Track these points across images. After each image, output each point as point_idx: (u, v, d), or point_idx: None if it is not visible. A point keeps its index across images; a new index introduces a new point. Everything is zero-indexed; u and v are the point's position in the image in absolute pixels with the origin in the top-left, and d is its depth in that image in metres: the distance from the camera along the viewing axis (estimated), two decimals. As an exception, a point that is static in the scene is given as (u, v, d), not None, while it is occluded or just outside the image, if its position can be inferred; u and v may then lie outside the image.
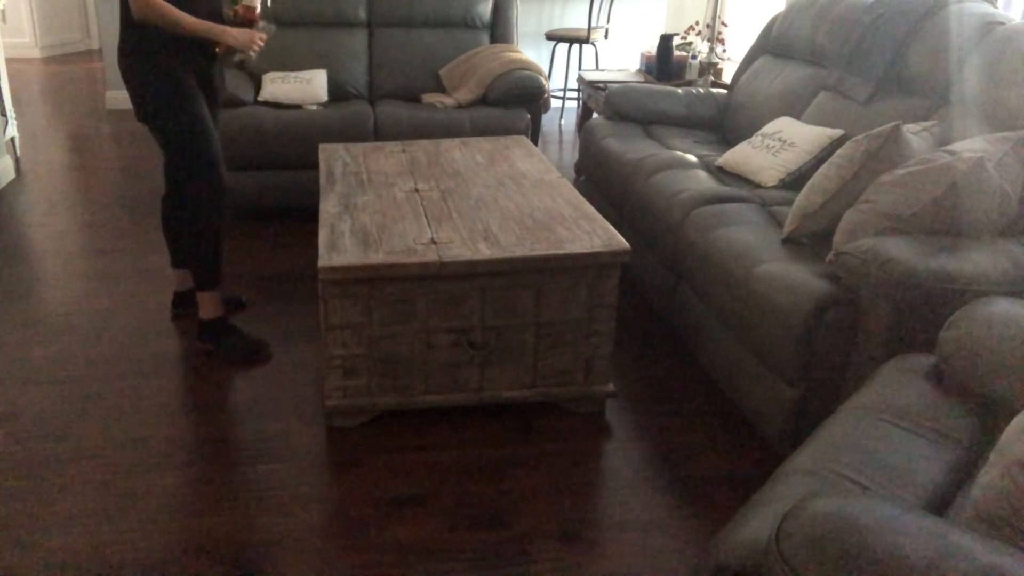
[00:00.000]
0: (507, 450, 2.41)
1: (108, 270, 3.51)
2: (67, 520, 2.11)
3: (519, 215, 2.61)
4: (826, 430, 1.67)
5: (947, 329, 1.80)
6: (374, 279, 2.31)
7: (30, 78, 7.07)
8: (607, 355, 2.52)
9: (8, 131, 4.63)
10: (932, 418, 1.67)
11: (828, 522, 1.10)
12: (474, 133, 4.08)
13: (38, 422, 2.49)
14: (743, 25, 5.41)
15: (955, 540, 1.05)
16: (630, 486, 2.28)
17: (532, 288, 2.40)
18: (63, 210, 4.20)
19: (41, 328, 3.04)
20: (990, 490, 1.31)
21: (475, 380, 2.48)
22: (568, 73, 5.91)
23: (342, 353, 2.39)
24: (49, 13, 7.79)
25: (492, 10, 4.64)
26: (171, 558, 1.99)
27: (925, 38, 2.88)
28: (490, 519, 2.13)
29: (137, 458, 2.35)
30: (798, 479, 1.50)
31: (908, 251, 2.04)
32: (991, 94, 2.54)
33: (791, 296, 2.18)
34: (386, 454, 2.38)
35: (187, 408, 2.59)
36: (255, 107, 4.01)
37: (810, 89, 3.38)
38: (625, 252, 2.40)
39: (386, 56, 4.46)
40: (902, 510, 1.12)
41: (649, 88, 3.99)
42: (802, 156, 3.00)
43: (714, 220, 2.70)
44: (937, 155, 2.22)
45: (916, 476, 1.50)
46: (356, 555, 2.01)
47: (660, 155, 3.33)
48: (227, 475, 2.28)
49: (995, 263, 2.04)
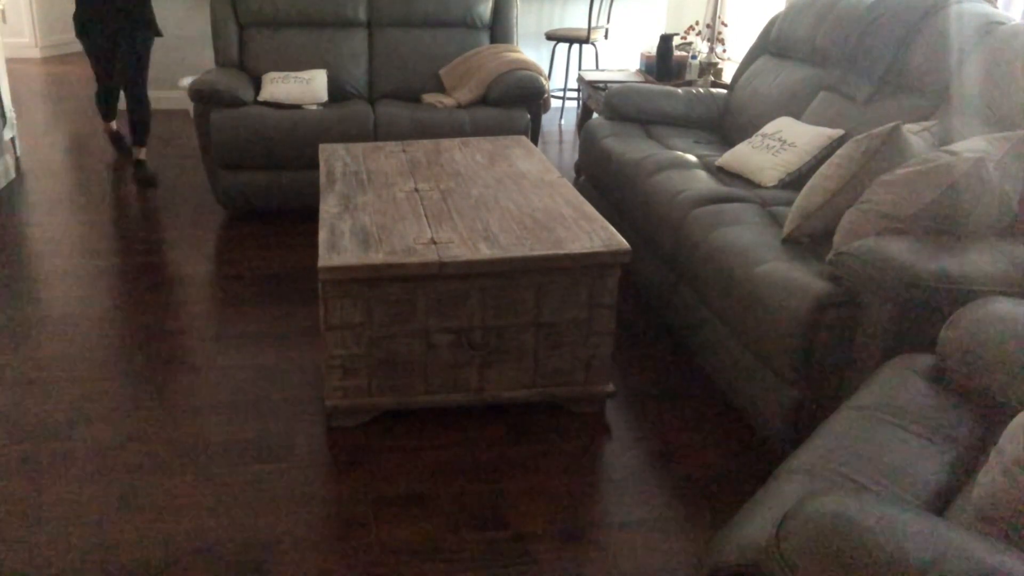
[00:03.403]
0: (508, 450, 2.41)
1: (108, 270, 3.51)
2: (67, 520, 2.11)
3: (519, 215, 2.61)
4: (826, 430, 1.67)
5: (947, 329, 1.80)
6: (374, 279, 2.31)
7: (30, 78, 7.07)
8: (607, 355, 2.52)
9: (8, 131, 4.63)
10: (932, 418, 1.67)
11: (828, 522, 1.10)
12: (474, 133, 4.08)
13: (38, 422, 2.49)
14: (743, 25, 5.41)
15: (955, 540, 1.05)
16: (630, 486, 2.28)
17: (532, 288, 2.40)
18: (63, 210, 4.20)
19: (41, 328, 3.04)
20: (990, 490, 1.31)
21: (475, 380, 2.48)
22: (568, 73, 5.91)
23: (342, 353, 2.39)
24: (49, 13, 7.78)
25: (492, 10, 4.64)
26: (171, 558, 1.99)
27: (925, 38, 2.88)
28: (490, 519, 2.14)
29: (137, 458, 2.35)
30: (798, 479, 1.50)
31: (908, 251, 2.04)
32: (991, 94, 2.54)
33: (791, 296, 2.18)
34: (386, 454, 2.38)
35: (187, 408, 2.59)
36: (255, 107, 4.01)
37: (810, 89, 3.38)
38: (625, 252, 2.40)
39: (386, 56, 4.46)
40: (902, 510, 1.12)
41: (649, 88, 3.99)
42: (802, 156, 3.00)
43: (714, 220, 2.70)
44: (937, 155, 2.22)
45: (916, 476, 1.50)
46: (356, 555, 2.01)
47: (660, 155, 3.33)
48: (227, 475, 2.28)
49: (995, 263, 2.04)
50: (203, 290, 3.36)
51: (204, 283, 3.43)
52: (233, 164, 3.92)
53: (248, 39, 4.38)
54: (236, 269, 3.53)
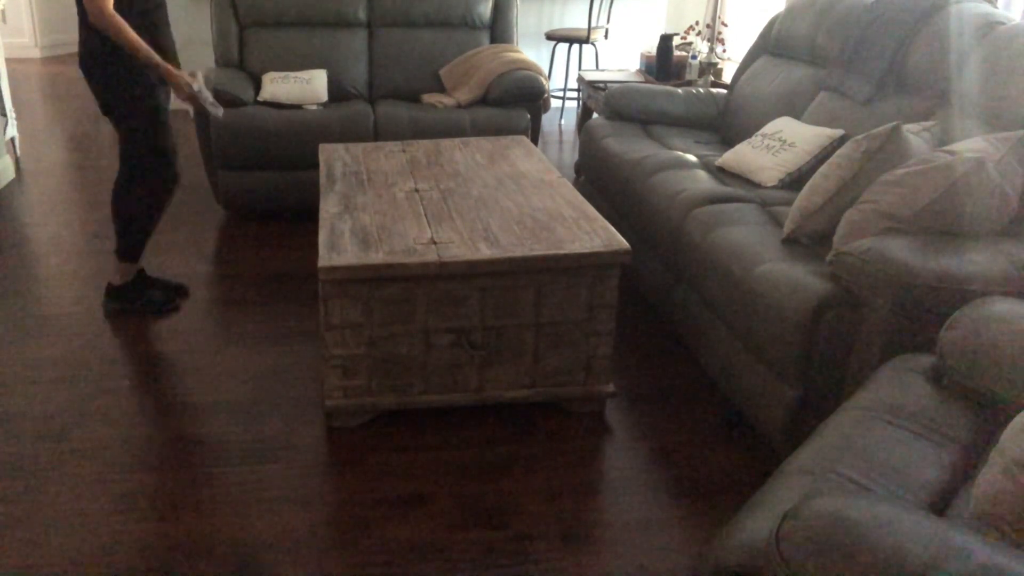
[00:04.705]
0: (507, 450, 2.41)
1: (108, 270, 3.51)
2: (67, 520, 2.10)
3: (519, 215, 2.61)
4: (826, 430, 1.67)
5: (947, 329, 1.80)
6: (374, 279, 2.31)
7: (30, 78, 7.07)
8: (607, 355, 2.52)
9: (8, 131, 4.63)
10: (932, 418, 1.67)
11: (828, 522, 1.10)
12: (474, 133, 4.08)
13: (38, 422, 2.49)
14: (743, 25, 5.41)
15: (955, 540, 1.05)
16: (630, 486, 2.28)
17: (532, 288, 2.40)
18: (63, 210, 4.20)
19: (41, 328, 3.04)
20: (990, 490, 1.31)
21: (475, 380, 2.48)
22: (568, 73, 5.91)
23: (342, 353, 2.39)
24: (49, 13, 7.78)
25: (492, 10, 4.64)
26: (171, 558, 1.99)
27: (925, 38, 2.88)
28: (490, 519, 2.13)
29: (137, 458, 2.35)
30: (798, 479, 1.50)
31: (908, 251, 2.04)
32: (991, 94, 2.54)
33: (791, 296, 2.18)
34: (386, 454, 2.38)
35: (187, 408, 2.59)
36: (255, 107, 4.01)
37: (810, 89, 3.38)
38: (625, 252, 2.40)
39: (386, 56, 4.46)
40: (902, 510, 1.12)
41: (649, 88, 3.99)
42: (802, 156, 3.00)
43: (714, 220, 2.70)
44: (937, 155, 2.22)
45: (916, 476, 1.50)
46: (356, 555, 2.01)
47: (660, 155, 3.33)
48: (227, 475, 2.28)
49: (995, 263, 2.04)
50: (203, 290, 3.36)
51: (204, 283, 3.43)
52: (233, 164, 3.92)
53: (248, 39, 4.38)
54: (236, 269, 3.53)
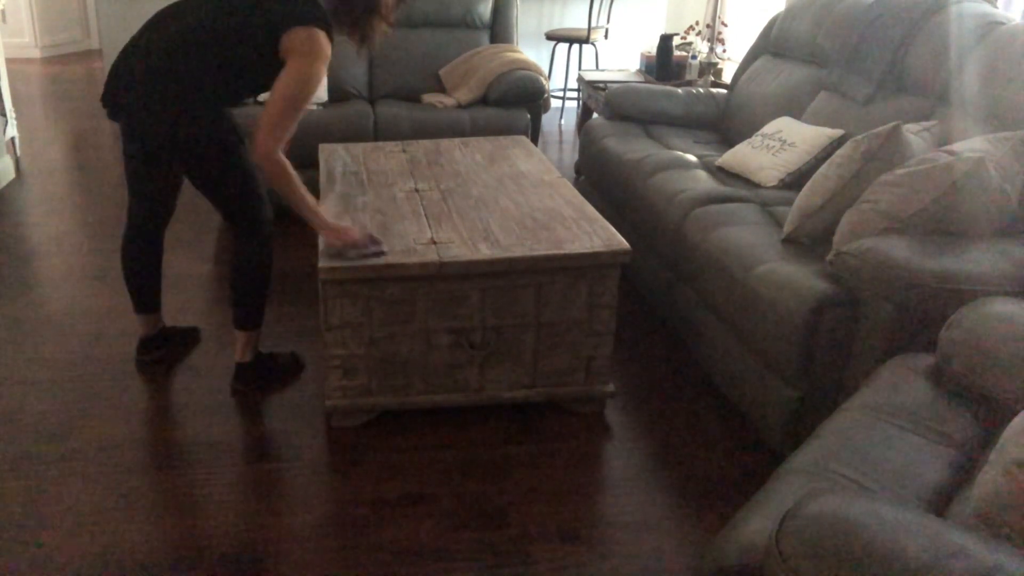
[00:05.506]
0: (507, 450, 2.41)
1: (108, 270, 3.51)
2: (67, 520, 2.10)
3: (519, 215, 2.61)
4: (826, 430, 1.67)
5: (947, 329, 1.80)
6: (374, 279, 2.31)
7: (30, 78, 7.07)
8: (607, 355, 2.52)
9: (8, 131, 4.63)
10: (932, 418, 1.67)
11: (828, 522, 1.10)
12: (474, 133, 4.08)
13: (38, 422, 2.49)
14: (743, 25, 5.41)
15: (955, 540, 1.05)
16: (630, 486, 2.28)
17: (532, 288, 2.40)
18: (63, 210, 4.20)
19: (41, 328, 3.04)
20: (990, 490, 1.31)
21: (475, 380, 2.48)
22: (568, 73, 5.91)
23: (342, 353, 2.39)
24: (49, 13, 7.79)
25: (492, 10, 4.64)
26: (171, 558, 1.99)
27: (925, 38, 2.88)
28: (490, 519, 2.13)
29: (137, 458, 2.35)
30: (798, 479, 1.50)
31: (908, 251, 2.04)
32: (991, 94, 2.54)
33: (791, 296, 2.18)
34: (386, 454, 2.38)
35: (187, 408, 2.59)
36: (255, 107, 4.00)
37: (810, 89, 3.38)
38: (625, 252, 2.40)
39: (386, 56, 4.46)
40: (902, 510, 1.12)
41: (649, 88, 3.99)
42: (802, 156, 3.00)
43: (714, 220, 2.70)
44: (937, 155, 2.22)
45: (916, 476, 1.50)
46: (356, 555, 2.01)
47: (660, 155, 3.33)
48: (227, 475, 2.28)
49: (995, 263, 2.04)
50: (203, 290, 3.36)
51: (204, 283, 3.43)
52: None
53: (248, 39, 4.38)
54: (236, 269, 3.53)
